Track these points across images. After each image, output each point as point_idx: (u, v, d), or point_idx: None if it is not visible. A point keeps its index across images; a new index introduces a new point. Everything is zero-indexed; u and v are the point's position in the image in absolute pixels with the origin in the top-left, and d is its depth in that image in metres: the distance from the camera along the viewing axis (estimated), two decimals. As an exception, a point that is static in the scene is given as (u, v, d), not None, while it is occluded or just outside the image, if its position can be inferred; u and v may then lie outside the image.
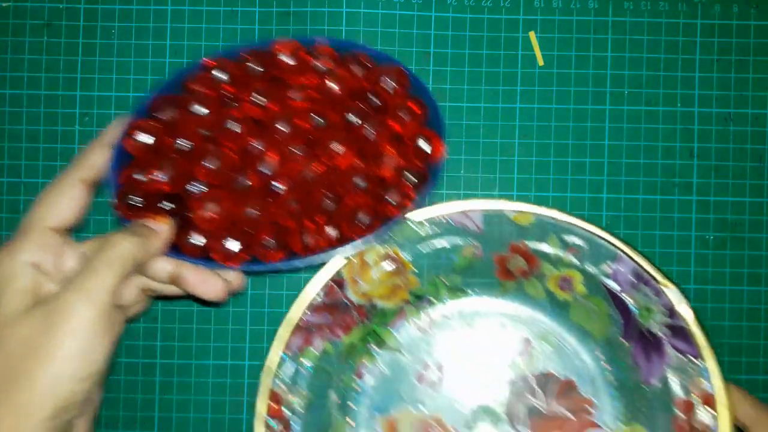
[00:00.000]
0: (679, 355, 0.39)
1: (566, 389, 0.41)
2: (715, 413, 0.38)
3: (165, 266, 0.36)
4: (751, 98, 0.44)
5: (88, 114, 0.44)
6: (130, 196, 0.36)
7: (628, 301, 0.40)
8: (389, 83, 0.38)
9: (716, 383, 0.38)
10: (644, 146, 0.44)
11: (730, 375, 0.44)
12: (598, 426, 0.41)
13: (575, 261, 0.40)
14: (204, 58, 0.38)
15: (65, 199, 0.35)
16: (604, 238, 0.39)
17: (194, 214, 0.36)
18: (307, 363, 0.40)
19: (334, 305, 0.41)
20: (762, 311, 0.44)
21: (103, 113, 0.44)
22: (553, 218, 0.39)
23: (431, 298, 0.42)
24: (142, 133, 0.37)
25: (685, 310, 0.39)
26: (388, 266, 0.41)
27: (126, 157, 0.37)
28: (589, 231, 0.39)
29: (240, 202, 0.37)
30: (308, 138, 0.38)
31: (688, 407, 0.39)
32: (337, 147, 0.37)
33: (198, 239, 0.37)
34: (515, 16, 0.44)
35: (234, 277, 0.38)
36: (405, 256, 0.41)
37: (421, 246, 0.41)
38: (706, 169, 0.44)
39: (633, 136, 0.44)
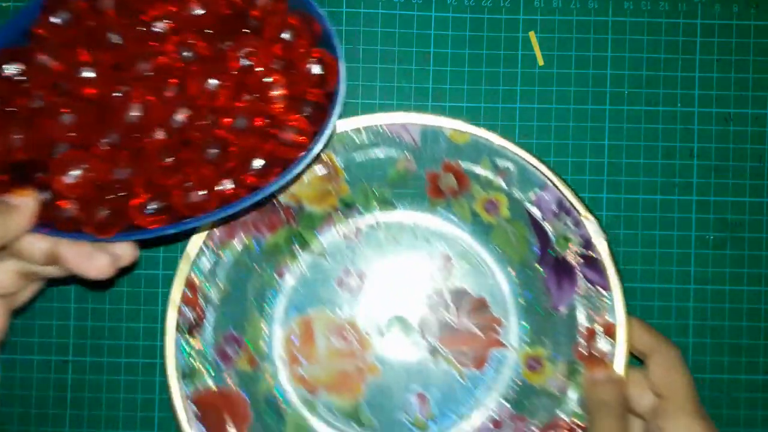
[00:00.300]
0: (589, 285, 0.40)
1: (478, 307, 0.43)
2: (614, 342, 0.39)
3: (38, 245, 0.32)
4: (751, 98, 0.44)
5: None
6: None
7: (548, 228, 0.41)
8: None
9: (620, 315, 0.39)
10: (644, 146, 0.44)
11: (730, 375, 0.44)
12: (504, 345, 0.42)
13: (504, 185, 0.41)
14: None
15: None
16: (534, 166, 0.40)
17: (55, 180, 0.32)
18: (227, 256, 0.40)
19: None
20: (762, 311, 0.44)
21: (103, 113, 0.44)
22: (488, 140, 0.40)
23: (360, 208, 0.42)
24: None
25: (600, 243, 0.40)
26: (319, 170, 0.41)
27: None
28: (521, 157, 0.40)
29: (106, 161, 0.32)
30: (176, 76, 0.33)
31: (591, 335, 0.40)
32: (211, 82, 0.32)
33: (66, 210, 0.32)
34: (515, 16, 0.44)
35: (123, 250, 0.34)
36: (338, 162, 0.41)
37: (355, 154, 0.41)
38: (706, 169, 0.44)
39: (633, 136, 0.44)
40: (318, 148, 0.34)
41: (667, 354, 0.38)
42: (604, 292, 0.40)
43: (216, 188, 0.33)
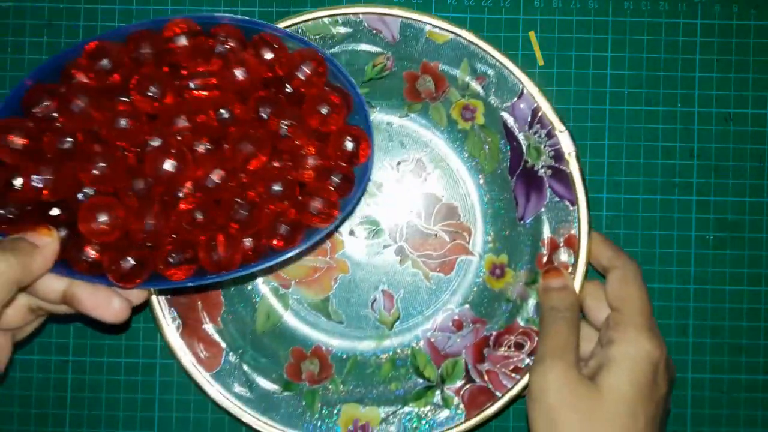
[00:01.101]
0: (556, 198, 0.41)
1: (448, 214, 0.43)
2: (575, 254, 0.40)
3: (55, 285, 0.32)
4: (751, 98, 0.44)
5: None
6: (3, 208, 0.31)
7: (521, 138, 0.41)
8: (304, 70, 0.34)
9: (583, 229, 0.40)
10: (644, 146, 0.44)
11: (730, 375, 0.44)
12: (470, 252, 0.43)
13: (481, 91, 0.41)
14: (87, 41, 0.33)
15: None
16: (513, 73, 0.40)
17: (82, 225, 0.31)
18: None
19: None
20: (762, 311, 0.44)
21: (103, 113, 0.44)
22: (468, 41, 0.40)
23: None
24: (15, 136, 0.31)
25: (571, 157, 0.40)
26: None
27: None
28: (501, 63, 0.40)
29: (135, 211, 0.32)
30: (212, 135, 0.33)
31: (554, 246, 0.41)
32: (247, 146, 0.32)
33: (88, 254, 0.32)
34: (515, 16, 0.44)
35: (136, 295, 0.34)
36: None
37: (332, 46, 0.41)
38: (706, 169, 0.44)
39: (633, 136, 0.44)
40: (340, 219, 0.35)
41: (624, 268, 0.38)
42: (570, 206, 0.41)
43: (241, 248, 0.34)
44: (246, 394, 0.41)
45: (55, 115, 0.32)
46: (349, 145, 0.34)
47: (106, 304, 0.32)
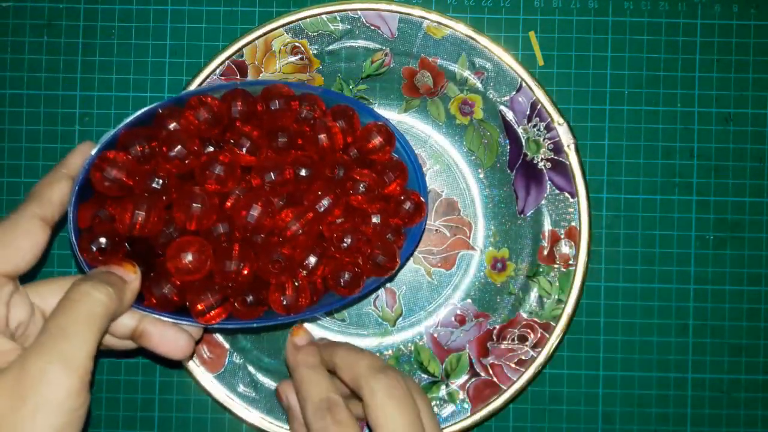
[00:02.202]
0: (556, 190, 0.42)
1: (448, 209, 0.43)
2: (576, 246, 0.41)
3: (126, 320, 0.32)
4: (751, 98, 0.44)
5: (88, 114, 0.44)
6: (97, 240, 0.32)
7: (520, 132, 0.42)
8: (377, 140, 0.37)
9: (584, 220, 0.41)
10: (644, 146, 0.44)
11: (730, 375, 0.44)
12: (471, 247, 0.43)
13: (479, 85, 0.42)
14: (191, 94, 0.36)
15: (20, 240, 0.30)
16: (512, 67, 0.41)
17: (171, 262, 0.33)
18: None
19: None
20: (762, 311, 0.44)
21: (103, 113, 0.44)
22: (466, 35, 0.41)
23: None
24: (115, 169, 0.33)
25: (570, 150, 0.41)
26: (293, 58, 0.41)
27: (88, 190, 0.33)
28: (498, 56, 0.41)
29: (222, 252, 0.34)
30: (294, 189, 0.36)
31: (554, 239, 0.42)
32: (325, 201, 0.35)
33: (169, 291, 0.33)
34: (515, 16, 0.44)
35: (195, 330, 0.34)
36: (313, 51, 0.41)
37: (330, 43, 0.41)
38: (706, 169, 0.44)
39: (633, 136, 0.44)
40: (395, 271, 0.37)
41: (375, 401, 0.31)
42: (570, 198, 0.41)
43: (308, 293, 0.36)
44: (251, 394, 0.42)
45: (148, 154, 0.34)
46: (410, 209, 0.37)
47: (174, 340, 0.33)
